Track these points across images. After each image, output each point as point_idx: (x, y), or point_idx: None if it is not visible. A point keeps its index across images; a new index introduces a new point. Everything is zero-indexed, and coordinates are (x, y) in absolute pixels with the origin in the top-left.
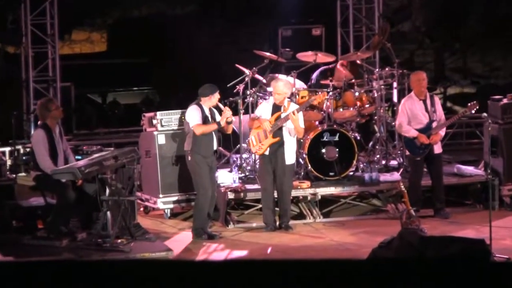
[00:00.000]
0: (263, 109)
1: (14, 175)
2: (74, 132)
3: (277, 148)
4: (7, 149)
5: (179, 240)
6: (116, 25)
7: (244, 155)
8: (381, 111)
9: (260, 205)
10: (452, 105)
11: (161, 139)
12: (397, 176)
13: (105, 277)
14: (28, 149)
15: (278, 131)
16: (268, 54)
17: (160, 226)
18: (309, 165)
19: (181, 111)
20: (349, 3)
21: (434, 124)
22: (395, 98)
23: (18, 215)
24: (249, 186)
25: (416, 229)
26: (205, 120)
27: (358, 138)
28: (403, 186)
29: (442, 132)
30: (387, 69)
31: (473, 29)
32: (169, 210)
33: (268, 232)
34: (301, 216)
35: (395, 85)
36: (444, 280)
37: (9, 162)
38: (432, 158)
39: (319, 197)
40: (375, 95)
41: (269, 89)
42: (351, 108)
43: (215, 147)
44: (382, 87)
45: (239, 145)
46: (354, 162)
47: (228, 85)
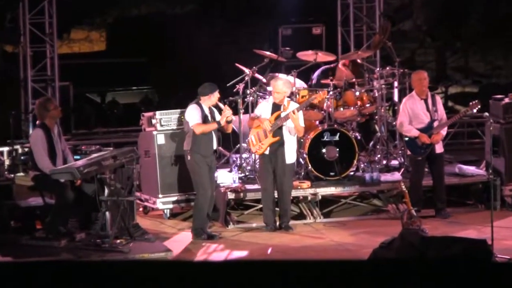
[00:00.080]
0: (263, 109)
1: (13, 175)
2: (73, 132)
3: (277, 147)
4: (5, 149)
5: (178, 240)
6: (115, 24)
7: (244, 155)
8: (382, 110)
9: (260, 205)
10: (453, 104)
11: (161, 139)
12: (398, 176)
13: (104, 277)
14: (26, 149)
15: (278, 130)
16: (268, 53)
17: (160, 226)
18: (309, 165)
19: (180, 110)
20: (349, 1)
21: (435, 123)
22: (396, 98)
23: (17, 215)
24: (249, 186)
25: (417, 229)
26: (204, 120)
27: (359, 137)
28: (404, 186)
29: (444, 131)
30: (388, 68)
31: (474, 28)
32: (168, 210)
33: (268, 232)
34: (301, 216)
35: (396, 84)
36: (446, 280)
37: (7, 162)
38: (434, 158)
39: (320, 197)
40: (376, 95)
41: (269, 88)
42: (351, 108)
43: (214, 147)
44: (383, 86)
45: (239, 145)
46: (355, 162)
47: (228, 85)
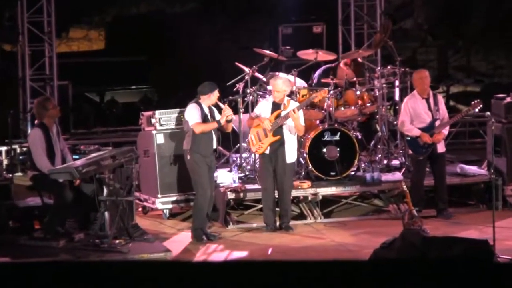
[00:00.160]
0: (263, 108)
1: (11, 175)
2: (72, 131)
3: (278, 147)
4: (3, 148)
5: (178, 240)
6: (114, 22)
7: (244, 155)
8: (383, 110)
9: (260, 205)
10: (455, 103)
11: (160, 138)
12: (399, 176)
13: (103, 278)
14: (25, 149)
15: (278, 130)
16: (268, 52)
17: (159, 226)
18: (309, 164)
19: (179, 110)
20: (350, 0)
21: (437, 123)
22: (397, 97)
23: (15, 215)
24: (249, 186)
25: (419, 229)
26: (204, 119)
27: (360, 137)
28: (405, 186)
29: (446, 131)
30: (389, 67)
31: (476, 26)
32: (167, 210)
33: (269, 233)
34: (301, 216)
35: (397, 83)
36: (447, 281)
37: (5, 162)
38: (436, 157)
39: (320, 197)
40: (377, 94)
41: (269, 87)
42: (352, 107)
43: (214, 146)
44: (384, 85)
45: (238, 144)
46: (356, 161)
47: (228, 84)
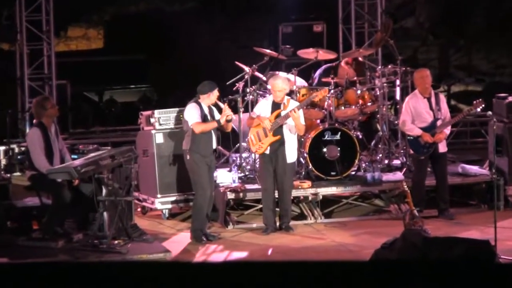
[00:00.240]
0: (262, 107)
1: (9, 175)
2: (70, 131)
3: (278, 146)
4: (1, 148)
5: (177, 241)
6: (113, 21)
7: (244, 154)
8: (384, 109)
9: (260, 206)
10: (456, 103)
11: (159, 138)
12: (400, 175)
13: (102, 279)
14: (23, 148)
15: (279, 129)
16: (268, 51)
17: (158, 227)
18: (310, 164)
19: (179, 109)
20: None
21: (438, 122)
22: (397, 96)
23: (13, 215)
24: (249, 186)
25: (420, 230)
26: (204, 119)
27: (360, 137)
28: (406, 186)
29: (447, 130)
30: (389, 66)
31: (478, 25)
32: (167, 211)
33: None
34: (302, 216)
35: (398, 82)
36: (448, 282)
37: (3, 162)
38: (437, 157)
39: (320, 197)
40: (378, 93)
41: (269, 86)
42: (353, 106)
43: (214, 146)
44: (385, 84)
45: (238, 144)
46: (356, 161)
47: (228, 83)
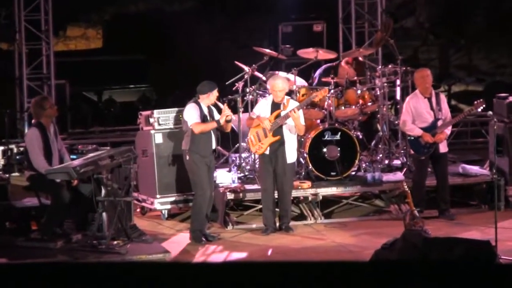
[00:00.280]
0: (262, 107)
1: (8, 175)
2: (69, 131)
3: (278, 147)
4: (0, 148)
5: (176, 241)
6: (112, 21)
7: (244, 155)
8: (384, 109)
9: (260, 206)
10: (457, 103)
11: (158, 138)
12: (400, 176)
13: (101, 279)
14: (22, 149)
15: (278, 130)
16: (268, 51)
17: (157, 227)
18: (310, 164)
19: (178, 109)
20: None
21: (439, 122)
22: (398, 96)
23: (12, 216)
24: (248, 186)
25: (420, 230)
26: (203, 119)
27: (360, 137)
28: (406, 186)
29: (448, 130)
30: (390, 66)
31: (478, 25)
32: (166, 211)
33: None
34: (302, 217)
35: (398, 82)
36: (449, 282)
37: (2, 162)
38: (438, 157)
39: (320, 197)
40: (378, 93)
41: (268, 86)
42: (353, 106)
43: (213, 146)
44: (385, 84)
45: (238, 144)
46: (356, 161)
47: (227, 83)
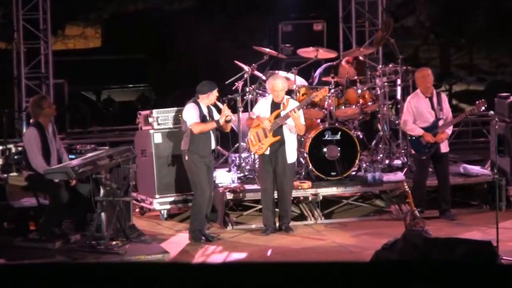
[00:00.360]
0: (262, 107)
1: (6, 175)
2: (68, 131)
3: (278, 147)
4: None
5: (175, 242)
6: (111, 20)
7: (243, 154)
8: (385, 109)
9: (259, 206)
10: (458, 102)
11: (158, 138)
12: (401, 176)
13: (100, 280)
14: (20, 148)
15: (278, 130)
16: (267, 50)
17: (156, 227)
18: (310, 164)
19: (177, 109)
20: None
21: (440, 122)
22: (398, 96)
23: (10, 216)
24: (248, 187)
25: (421, 230)
26: (203, 119)
27: (361, 136)
28: (407, 186)
29: (449, 130)
30: (390, 65)
31: (479, 24)
32: (165, 211)
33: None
34: (302, 217)
35: (398, 82)
36: (449, 283)
37: (0, 162)
38: (439, 157)
39: (321, 197)
40: (378, 93)
41: (268, 86)
42: (353, 106)
43: (213, 146)
44: (386, 84)
45: (238, 144)
46: (357, 161)
47: (227, 82)
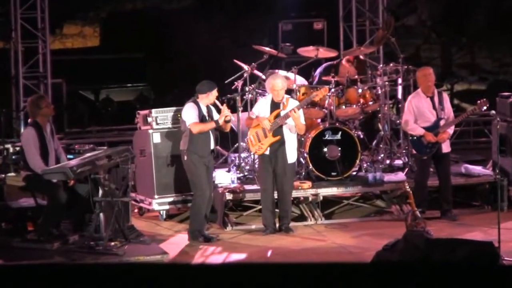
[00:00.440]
0: (261, 107)
1: (4, 175)
2: (66, 131)
3: (278, 147)
4: None
5: (175, 242)
6: (110, 18)
7: (243, 154)
8: (385, 108)
9: (259, 206)
10: (459, 102)
11: (156, 138)
12: (401, 176)
13: (98, 281)
14: (18, 148)
15: (278, 129)
16: (267, 49)
17: (155, 228)
18: (310, 164)
19: (176, 108)
20: None
21: (441, 122)
22: (399, 95)
23: (8, 216)
24: (248, 187)
25: (422, 231)
26: (202, 119)
27: (361, 136)
28: (408, 187)
29: (451, 130)
30: (391, 64)
31: (480, 23)
32: (164, 212)
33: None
34: (302, 217)
35: (399, 81)
36: (451, 284)
37: None
38: (440, 157)
39: (321, 198)
40: (379, 92)
41: (267, 86)
42: (354, 106)
43: (212, 146)
44: (386, 83)
45: (237, 144)
46: (357, 161)
47: (226, 82)
